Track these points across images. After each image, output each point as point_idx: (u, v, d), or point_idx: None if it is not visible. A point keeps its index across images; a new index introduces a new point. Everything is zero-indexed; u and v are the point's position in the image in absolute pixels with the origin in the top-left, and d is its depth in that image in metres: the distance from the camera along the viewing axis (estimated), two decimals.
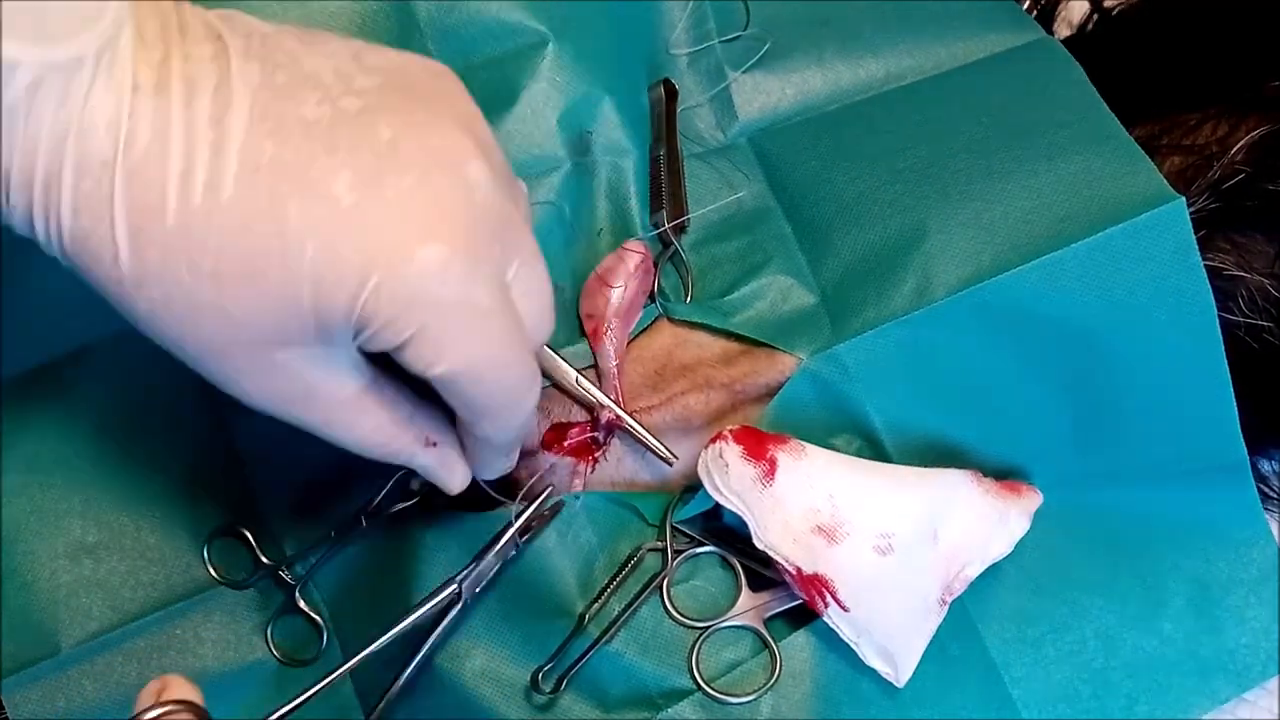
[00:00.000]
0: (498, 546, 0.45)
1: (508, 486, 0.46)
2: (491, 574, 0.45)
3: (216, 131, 0.32)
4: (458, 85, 0.37)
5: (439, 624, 0.44)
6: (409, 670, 0.44)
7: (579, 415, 0.47)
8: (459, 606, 0.44)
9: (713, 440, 0.45)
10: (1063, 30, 0.60)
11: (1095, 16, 0.59)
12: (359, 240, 0.32)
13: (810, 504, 0.44)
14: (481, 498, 0.46)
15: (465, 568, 0.44)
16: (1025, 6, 0.58)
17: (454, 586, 0.44)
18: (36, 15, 0.29)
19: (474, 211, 0.34)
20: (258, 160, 0.32)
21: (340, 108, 0.33)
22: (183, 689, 0.35)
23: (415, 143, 0.33)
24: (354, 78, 0.34)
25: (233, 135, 0.32)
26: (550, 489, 0.46)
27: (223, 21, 0.34)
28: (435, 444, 0.40)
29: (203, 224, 0.31)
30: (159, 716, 0.33)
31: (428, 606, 0.43)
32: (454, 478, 0.42)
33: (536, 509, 0.45)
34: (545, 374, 0.47)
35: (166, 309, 0.33)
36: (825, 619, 0.45)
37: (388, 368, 0.37)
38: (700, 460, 0.45)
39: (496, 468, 0.42)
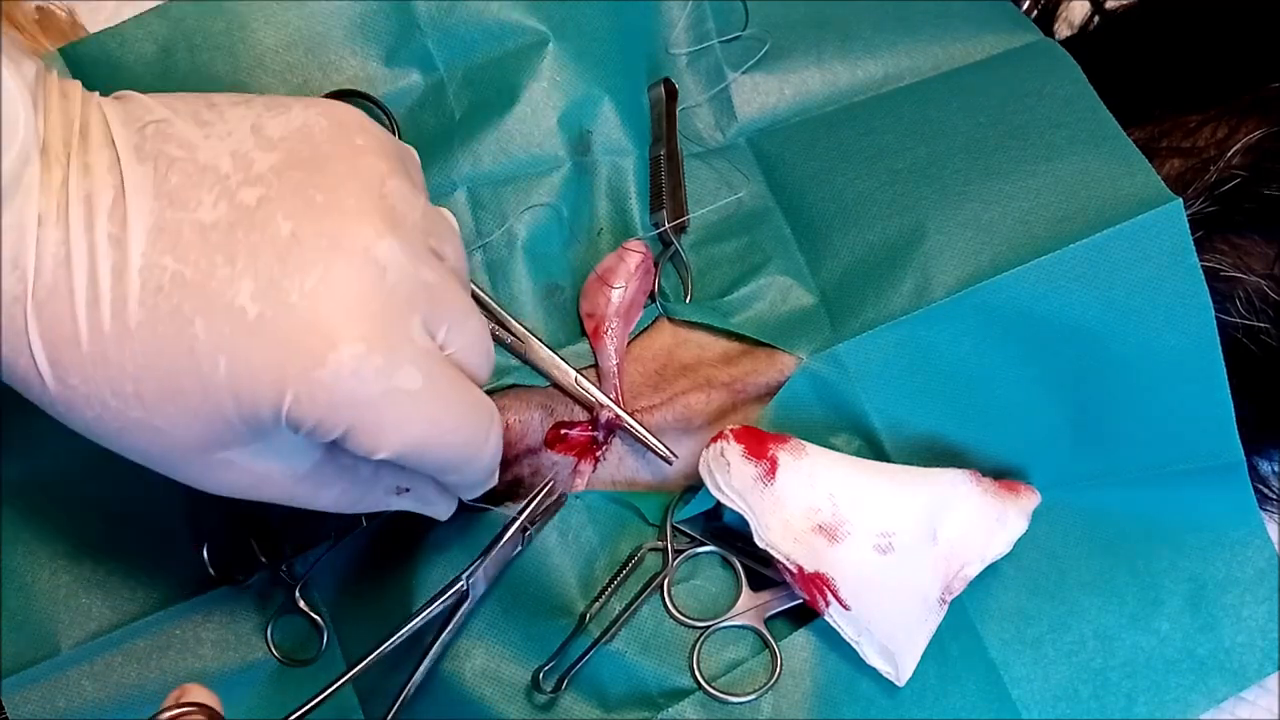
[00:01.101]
0: (501, 543, 0.45)
1: (511, 485, 0.46)
2: (497, 570, 0.45)
3: (117, 253, 0.32)
4: (369, 135, 0.36)
5: (447, 624, 0.44)
6: (418, 674, 0.44)
7: (580, 415, 0.47)
8: (467, 604, 0.44)
9: (714, 439, 0.45)
10: (1063, 30, 0.60)
11: (1096, 17, 0.59)
12: (268, 352, 0.32)
13: (811, 503, 0.44)
14: (482, 495, 0.46)
15: (470, 565, 0.44)
16: (1025, 7, 0.58)
17: (461, 584, 0.44)
18: None
19: (386, 295, 0.33)
20: (159, 280, 0.32)
21: (238, 203, 0.32)
22: (200, 694, 0.35)
23: (316, 232, 0.32)
24: (253, 160, 0.33)
25: (133, 255, 0.32)
26: (551, 483, 0.46)
27: (117, 110, 0.34)
28: (407, 489, 0.41)
29: (116, 350, 0.32)
30: (175, 717, 0.34)
31: (435, 606, 0.44)
32: (438, 510, 0.42)
33: (536, 505, 0.45)
34: (545, 374, 0.47)
35: (102, 427, 0.33)
36: (826, 618, 0.45)
37: None
38: (701, 459, 0.45)
39: (476, 494, 0.42)
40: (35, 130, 0.32)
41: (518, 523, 0.45)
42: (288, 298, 0.32)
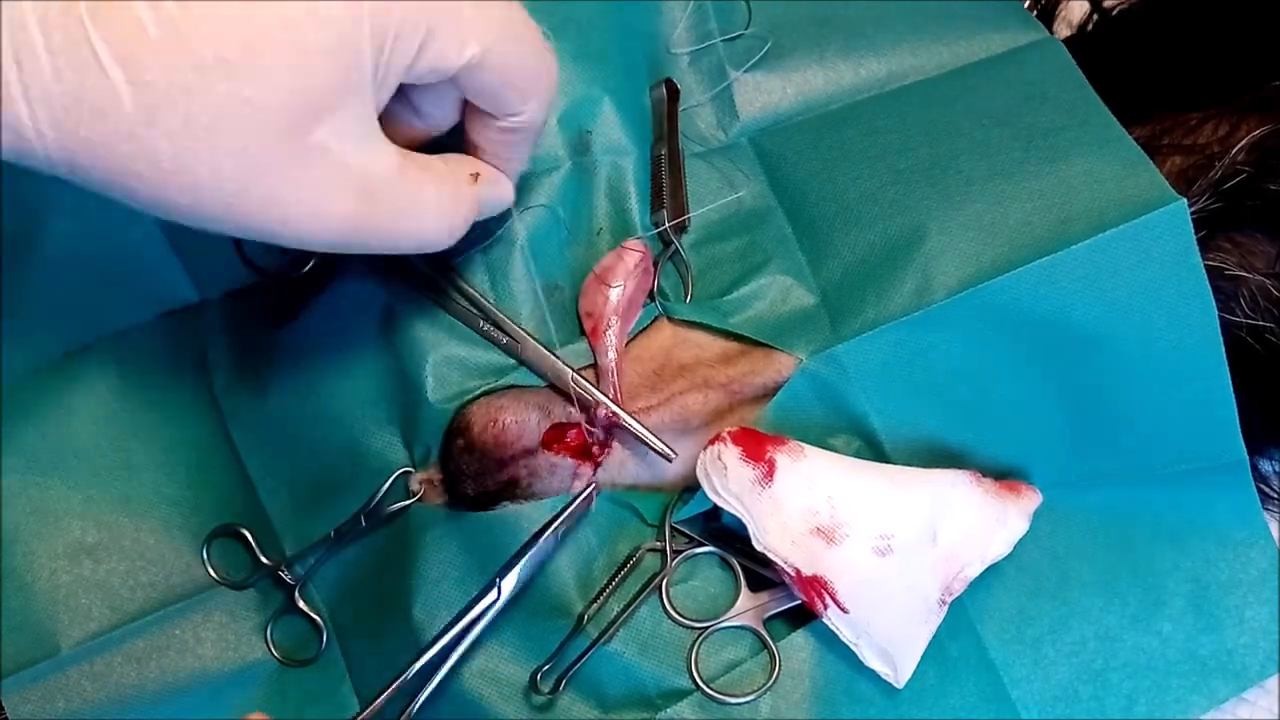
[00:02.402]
0: (539, 543, 0.45)
1: (507, 486, 0.46)
2: (530, 573, 0.46)
3: None
4: None
5: (470, 628, 0.45)
6: (438, 678, 0.45)
7: (579, 416, 0.47)
8: (496, 606, 0.45)
9: (711, 442, 0.45)
10: (1063, 30, 0.59)
11: (1095, 16, 0.59)
12: None
13: (809, 505, 0.44)
14: (481, 496, 0.46)
15: (503, 567, 0.45)
16: (1025, 7, 0.58)
17: (494, 592, 0.45)
18: None
19: None
20: None
21: None
22: None
23: None
24: None
25: None
26: (594, 485, 0.46)
27: None
28: (477, 174, 0.40)
29: (186, 21, 0.30)
30: None
31: (472, 614, 0.44)
32: (504, 191, 0.43)
33: (580, 503, 0.46)
34: (541, 374, 0.47)
35: (188, 134, 0.30)
36: (825, 620, 0.45)
37: None
38: (699, 462, 0.45)
39: (524, 159, 0.43)
40: None
41: (556, 523, 0.45)
42: None
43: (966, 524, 0.46)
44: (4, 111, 0.30)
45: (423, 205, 0.37)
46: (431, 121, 0.40)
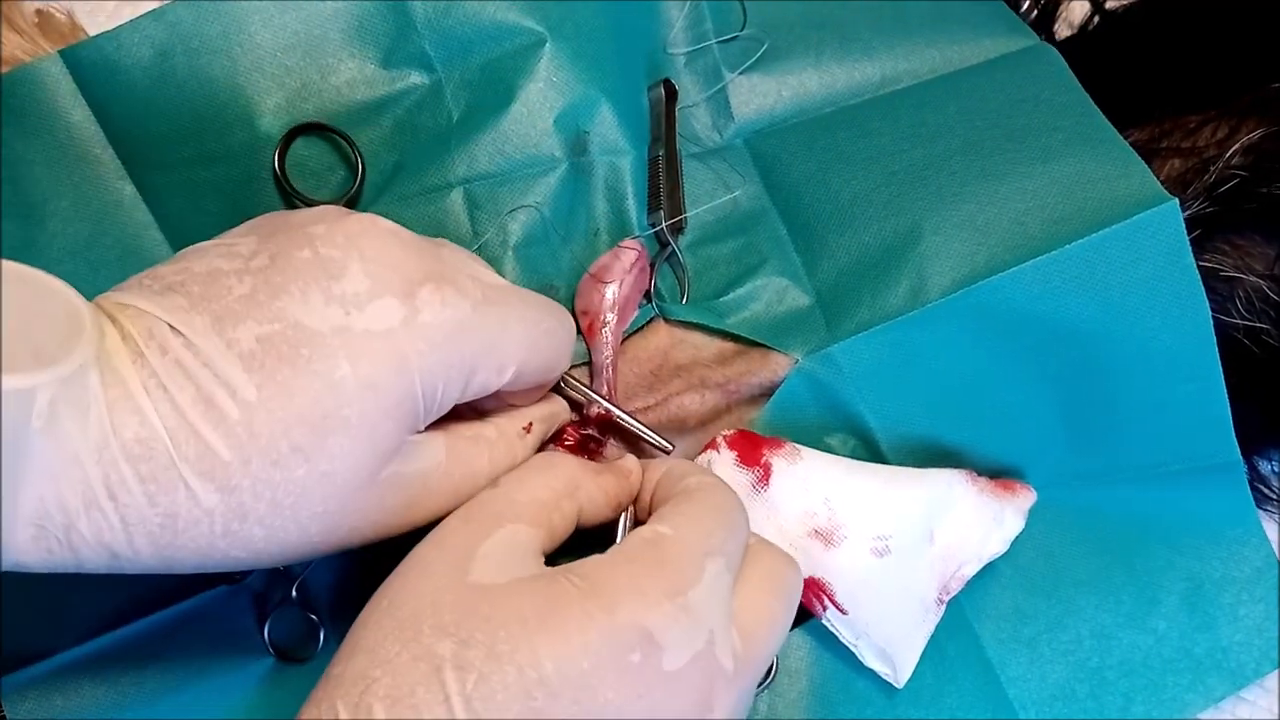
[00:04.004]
0: None
1: None
2: None
3: (202, 352, 0.33)
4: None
5: None
6: None
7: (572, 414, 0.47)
8: None
9: (705, 448, 0.45)
10: (1063, 31, 0.60)
11: (1096, 18, 0.59)
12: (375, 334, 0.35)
13: (806, 508, 0.44)
14: None
15: None
16: (1025, 7, 0.58)
17: None
18: (30, 341, 0.30)
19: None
20: (248, 349, 0.33)
21: (255, 267, 0.35)
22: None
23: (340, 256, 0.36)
24: (239, 250, 0.36)
25: (213, 348, 0.33)
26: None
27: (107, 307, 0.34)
28: (530, 425, 0.43)
29: (256, 421, 0.33)
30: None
31: None
32: (562, 415, 0.46)
33: None
34: None
35: (276, 513, 0.34)
36: (823, 622, 0.45)
37: None
38: None
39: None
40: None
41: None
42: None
43: (963, 523, 0.46)
44: (104, 540, 0.32)
45: (476, 479, 0.39)
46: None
